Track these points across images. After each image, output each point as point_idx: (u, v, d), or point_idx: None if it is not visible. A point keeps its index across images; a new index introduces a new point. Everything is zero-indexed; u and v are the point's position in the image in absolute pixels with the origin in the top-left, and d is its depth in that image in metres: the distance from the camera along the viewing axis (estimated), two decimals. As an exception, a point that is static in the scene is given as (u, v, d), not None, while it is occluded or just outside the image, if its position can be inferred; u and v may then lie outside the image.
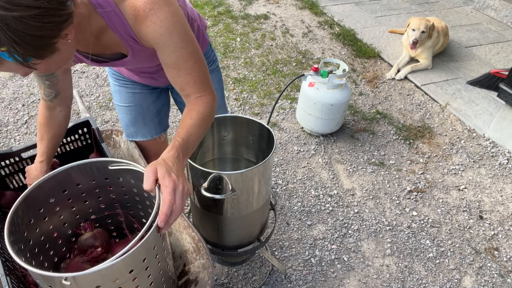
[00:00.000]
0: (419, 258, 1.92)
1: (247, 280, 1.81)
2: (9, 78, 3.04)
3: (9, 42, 0.68)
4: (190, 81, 0.97)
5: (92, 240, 1.03)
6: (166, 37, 0.90)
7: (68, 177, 0.97)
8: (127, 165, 0.93)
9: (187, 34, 0.94)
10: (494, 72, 2.91)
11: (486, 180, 2.33)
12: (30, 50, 0.71)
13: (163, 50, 0.93)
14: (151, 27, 0.88)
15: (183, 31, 0.92)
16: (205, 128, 0.98)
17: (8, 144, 2.48)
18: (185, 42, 0.93)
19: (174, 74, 0.97)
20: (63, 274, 0.71)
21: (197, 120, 0.95)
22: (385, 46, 3.58)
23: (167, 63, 0.95)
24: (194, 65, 0.96)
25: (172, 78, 0.99)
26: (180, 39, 0.92)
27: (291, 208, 2.13)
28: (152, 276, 0.87)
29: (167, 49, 0.92)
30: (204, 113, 0.97)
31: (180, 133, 0.91)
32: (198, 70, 0.97)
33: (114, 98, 1.46)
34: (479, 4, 4.26)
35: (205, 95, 1.00)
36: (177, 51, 0.93)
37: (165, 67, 0.97)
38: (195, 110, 0.96)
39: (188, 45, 0.94)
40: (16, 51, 0.70)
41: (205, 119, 0.97)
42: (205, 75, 1.00)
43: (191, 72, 0.96)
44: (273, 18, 3.98)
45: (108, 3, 0.88)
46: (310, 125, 2.52)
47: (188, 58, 0.95)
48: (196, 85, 0.98)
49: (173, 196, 0.77)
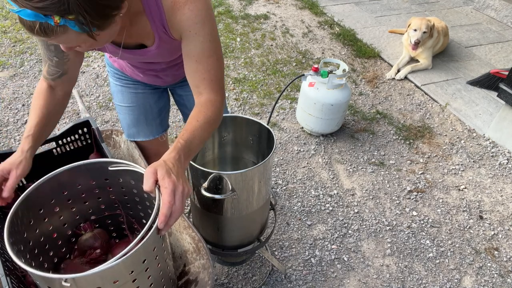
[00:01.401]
0: (419, 258, 1.92)
1: (247, 280, 1.81)
2: (9, 78, 3.04)
3: (79, 10, 0.69)
4: (207, 78, 0.99)
5: (92, 241, 1.03)
6: (199, 26, 0.93)
7: (68, 178, 0.97)
8: (127, 166, 0.93)
9: (216, 30, 0.97)
10: (494, 72, 2.91)
11: (486, 180, 2.33)
12: (96, 19, 0.73)
13: (191, 40, 0.95)
14: (187, 14, 0.91)
15: (214, 25, 0.96)
16: (210, 132, 0.98)
17: (8, 144, 2.48)
18: (213, 36, 0.96)
19: (194, 67, 0.98)
20: (62, 276, 0.71)
21: (203, 124, 0.95)
22: (385, 46, 3.58)
23: (190, 55, 0.97)
24: (215, 63, 0.98)
25: (191, 72, 1.00)
26: (210, 32, 0.95)
27: (291, 208, 2.13)
28: (152, 277, 0.87)
29: (196, 39, 0.94)
30: (211, 117, 0.97)
31: (184, 135, 0.90)
32: (217, 69, 0.99)
33: (115, 98, 1.46)
34: (479, 4, 4.26)
35: (216, 98, 1.00)
36: (205, 43, 0.95)
37: (186, 59, 0.99)
38: (203, 113, 0.96)
39: (215, 39, 0.97)
40: (85, 19, 0.71)
41: (211, 123, 0.97)
42: (222, 77, 1.02)
43: (210, 69, 0.98)
44: (273, 18, 3.97)
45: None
46: (310, 125, 2.52)
47: (212, 54, 0.97)
48: (211, 84, 0.99)
49: (173, 197, 0.77)
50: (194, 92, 1.02)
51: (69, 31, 0.73)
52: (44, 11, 0.67)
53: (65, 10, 0.68)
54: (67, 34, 0.73)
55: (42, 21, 0.69)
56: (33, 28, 0.71)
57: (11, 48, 3.36)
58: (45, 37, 0.73)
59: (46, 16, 0.68)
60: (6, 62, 3.20)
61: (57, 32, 0.72)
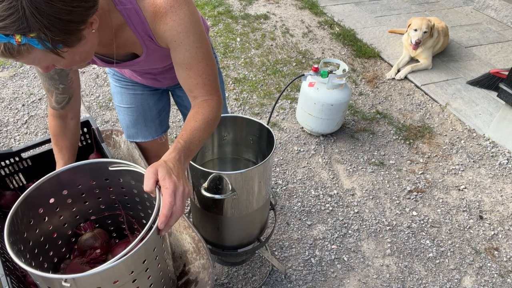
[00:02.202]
0: (419, 258, 1.92)
1: (247, 280, 1.81)
2: (9, 78, 3.04)
3: (40, 27, 0.67)
4: (200, 83, 0.98)
5: (93, 241, 1.03)
6: (183, 35, 0.91)
7: (68, 177, 0.97)
8: (128, 166, 0.93)
9: (203, 34, 0.95)
10: (494, 72, 2.91)
11: (486, 180, 2.33)
12: (59, 35, 0.71)
13: (178, 49, 0.94)
14: (170, 24, 0.89)
15: (199, 31, 0.94)
16: (209, 132, 0.98)
17: (8, 144, 2.48)
18: (200, 42, 0.95)
19: (185, 74, 0.98)
20: (63, 276, 0.71)
21: (202, 124, 0.95)
22: (385, 46, 3.58)
23: (179, 63, 0.96)
24: (206, 67, 0.97)
25: (183, 79, 0.99)
26: (196, 38, 0.93)
27: (291, 208, 2.13)
28: (152, 277, 0.87)
29: (182, 47, 0.93)
30: (209, 117, 0.97)
31: (183, 136, 0.90)
32: (209, 73, 0.98)
33: (115, 99, 1.46)
34: (479, 4, 4.26)
35: (212, 99, 1.00)
36: (192, 50, 0.94)
37: (177, 67, 0.98)
38: (201, 113, 0.96)
39: (202, 45, 0.95)
40: (46, 36, 0.69)
41: (209, 123, 0.97)
42: (215, 78, 1.01)
43: (201, 74, 0.97)
44: (273, 18, 3.97)
45: (128, 0, 0.88)
46: (310, 125, 2.52)
47: (201, 59, 0.96)
48: (205, 88, 0.99)
49: (173, 198, 0.77)
50: (189, 96, 1.02)
51: (34, 50, 0.71)
52: (4, 30, 0.65)
53: (25, 28, 0.66)
54: (33, 53, 0.71)
55: (4, 41, 0.67)
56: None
57: (11, 48, 3.36)
58: (12, 58, 0.71)
59: (7, 36, 0.66)
60: (6, 62, 3.20)
61: (21, 52, 0.70)
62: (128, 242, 1.04)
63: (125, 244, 1.03)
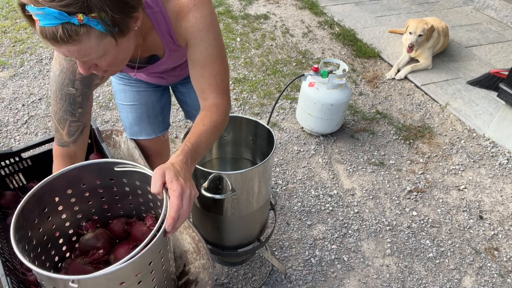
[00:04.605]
0: (419, 258, 1.92)
1: (247, 280, 1.81)
2: (9, 78, 3.04)
3: (102, 6, 0.70)
4: (212, 83, 1.00)
5: (95, 241, 1.03)
6: (204, 32, 0.94)
7: (75, 176, 0.97)
8: (134, 167, 0.93)
9: (220, 35, 0.99)
10: (494, 72, 2.91)
11: (486, 180, 2.34)
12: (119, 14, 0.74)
13: (197, 46, 0.96)
14: (192, 22, 0.93)
15: (218, 31, 0.97)
16: (216, 136, 0.99)
17: (8, 144, 2.48)
18: (218, 41, 0.98)
19: (199, 73, 1.00)
20: (70, 277, 0.71)
21: (210, 128, 0.95)
22: (385, 46, 3.58)
23: (196, 60, 0.98)
24: (220, 67, 1.00)
25: (196, 77, 1.01)
26: (215, 37, 0.96)
27: (291, 208, 2.13)
28: (156, 278, 0.88)
29: (201, 45, 0.96)
30: (217, 121, 0.98)
31: (191, 139, 0.91)
32: (222, 74, 1.01)
33: (118, 97, 1.46)
34: (479, 4, 4.26)
35: (221, 103, 1.01)
36: (210, 49, 0.96)
37: (192, 65, 1.00)
38: (209, 117, 0.97)
39: (219, 45, 0.98)
40: (107, 15, 0.72)
41: (217, 127, 0.98)
42: (227, 81, 1.03)
43: (215, 74, 0.99)
44: (273, 18, 3.98)
45: (156, 3, 0.91)
46: (310, 125, 2.52)
47: (217, 59, 0.99)
48: (217, 89, 1.01)
49: (181, 200, 0.78)
50: (200, 97, 1.03)
51: (91, 34, 0.73)
52: (67, 8, 0.68)
53: (88, 6, 0.69)
54: (89, 38, 0.73)
55: (65, 21, 0.69)
56: (55, 34, 0.70)
57: (11, 48, 3.36)
58: (67, 43, 0.73)
59: (70, 15, 0.69)
60: (6, 62, 3.20)
61: (79, 34, 0.72)
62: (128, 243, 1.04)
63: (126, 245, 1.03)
